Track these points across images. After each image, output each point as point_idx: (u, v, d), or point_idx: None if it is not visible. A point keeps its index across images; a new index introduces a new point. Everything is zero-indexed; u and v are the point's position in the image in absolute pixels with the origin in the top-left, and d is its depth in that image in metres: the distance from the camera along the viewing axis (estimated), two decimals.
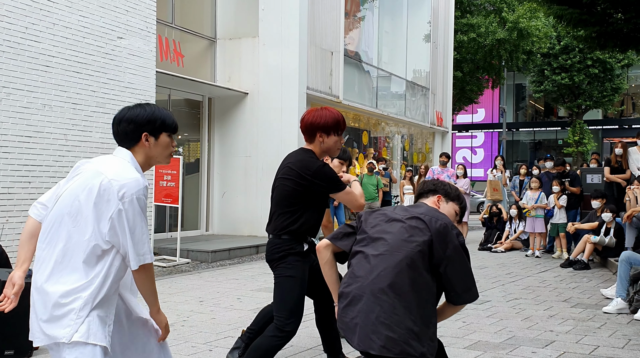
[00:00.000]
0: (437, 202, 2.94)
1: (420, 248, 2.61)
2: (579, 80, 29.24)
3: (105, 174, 2.44)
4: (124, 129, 2.57)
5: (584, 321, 5.49)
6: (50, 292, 2.42)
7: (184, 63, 11.74)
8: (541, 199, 10.33)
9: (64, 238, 2.45)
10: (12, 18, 7.76)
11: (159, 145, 2.61)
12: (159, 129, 2.59)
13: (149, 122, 2.58)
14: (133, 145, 2.59)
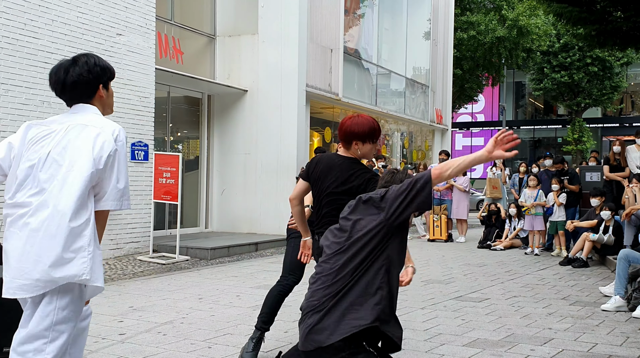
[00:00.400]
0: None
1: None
2: (579, 78, 29.24)
3: (93, 125, 2.63)
4: (82, 81, 2.67)
5: (583, 319, 5.50)
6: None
7: (183, 60, 11.73)
8: (540, 197, 10.33)
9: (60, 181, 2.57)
10: (10, 14, 7.75)
11: (110, 95, 2.81)
12: (110, 79, 2.78)
13: (107, 72, 2.75)
14: (91, 98, 2.73)
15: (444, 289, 6.97)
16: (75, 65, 2.71)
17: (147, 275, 8.10)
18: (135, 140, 9.64)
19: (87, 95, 2.72)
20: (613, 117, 36.30)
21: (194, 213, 12.35)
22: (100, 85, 2.74)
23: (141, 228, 9.71)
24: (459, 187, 12.21)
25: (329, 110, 14.51)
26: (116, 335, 4.89)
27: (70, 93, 2.72)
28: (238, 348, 4.47)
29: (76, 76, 2.69)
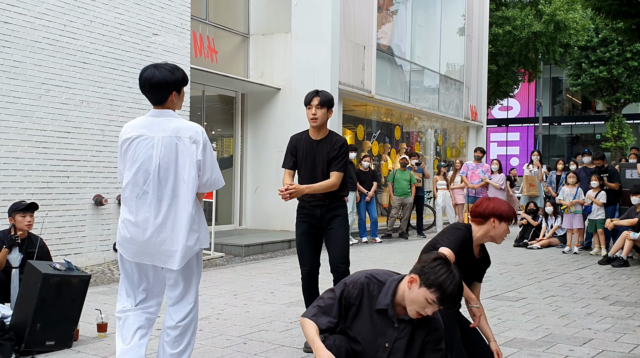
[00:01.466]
0: (410, 284, 2.76)
1: None
2: (618, 73, 28.50)
3: (181, 127, 3.28)
4: (159, 90, 3.30)
5: (623, 319, 5.37)
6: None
7: (217, 59, 11.84)
8: (579, 195, 10.11)
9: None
10: (50, 16, 7.93)
11: (181, 98, 3.39)
12: (182, 86, 3.37)
13: (182, 81, 3.34)
14: (162, 104, 3.33)
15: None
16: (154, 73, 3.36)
17: None
18: None
19: (164, 98, 3.37)
20: None
21: (228, 211, 12.46)
22: (174, 91, 3.36)
23: None
24: (494, 185, 12.03)
25: (362, 107, 14.47)
26: (154, 330, 4.96)
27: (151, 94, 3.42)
28: (273, 344, 4.50)
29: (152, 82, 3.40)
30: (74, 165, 8.18)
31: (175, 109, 3.38)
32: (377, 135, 15.07)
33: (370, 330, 2.82)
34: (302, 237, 4.51)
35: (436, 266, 2.70)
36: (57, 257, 6.97)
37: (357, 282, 2.86)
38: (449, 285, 2.65)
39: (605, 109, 33.43)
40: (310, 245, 4.50)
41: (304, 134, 4.56)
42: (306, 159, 4.46)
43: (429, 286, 2.67)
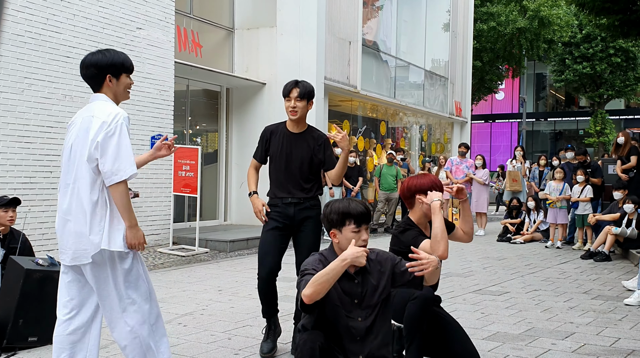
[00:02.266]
0: (334, 237, 3.00)
1: None
2: (601, 69, 28.78)
3: (91, 113, 3.08)
4: (89, 73, 3.15)
5: (605, 313, 5.44)
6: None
7: (202, 53, 11.77)
8: (565, 190, 10.21)
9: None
10: (33, 9, 7.83)
11: (121, 84, 3.18)
12: (120, 71, 3.16)
13: (111, 65, 3.12)
14: (99, 88, 3.16)
15: (463, 282, 6.94)
16: (92, 55, 3.21)
17: (167, 267, 8.18)
18: (155, 133, 9.71)
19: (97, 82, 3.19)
20: (636, 109, 35.68)
21: (213, 206, 12.42)
22: (108, 75, 3.14)
23: (161, 221, 9.80)
24: (478, 180, 12.12)
25: (347, 103, 14.48)
26: None
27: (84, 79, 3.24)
28: (257, 339, 4.50)
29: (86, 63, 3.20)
30: (57, 160, 8.09)
31: (116, 97, 3.16)
32: (362, 130, 15.09)
33: (337, 297, 2.91)
34: (269, 234, 4.14)
35: (331, 211, 2.96)
36: (40, 253, 6.91)
37: (315, 261, 2.93)
38: (348, 206, 2.94)
39: (589, 105, 33.78)
40: (277, 244, 4.14)
41: (281, 126, 4.26)
42: (281, 152, 4.17)
43: (341, 223, 2.93)
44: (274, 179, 4.23)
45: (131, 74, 3.24)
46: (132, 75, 3.25)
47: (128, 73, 3.20)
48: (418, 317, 3.45)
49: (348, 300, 2.92)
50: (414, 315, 3.46)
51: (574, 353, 4.20)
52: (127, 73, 3.19)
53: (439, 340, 3.64)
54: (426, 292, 3.47)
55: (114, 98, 3.17)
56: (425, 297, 3.47)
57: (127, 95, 3.25)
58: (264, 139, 4.25)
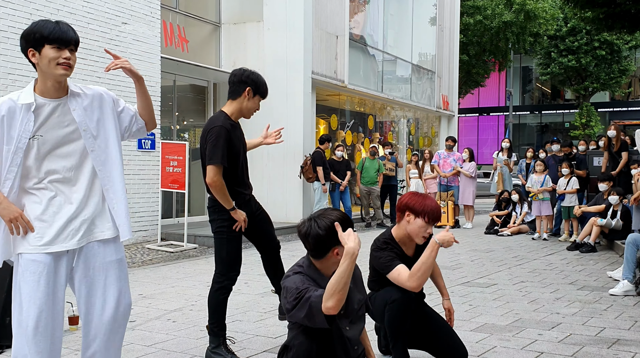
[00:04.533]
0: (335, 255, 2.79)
1: None
2: (586, 62, 29.02)
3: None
4: (21, 49, 2.69)
5: (590, 303, 5.51)
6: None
7: (188, 48, 11.71)
8: (546, 182, 10.30)
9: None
10: (16, 4, 7.75)
11: (44, 58, 2.63)
12: (40, 42, 2.62)
13: (28, 38, 2.63)
14: (33, 65, 2.68)
15: (451, 275, 6.98)
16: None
17: (155, 263, 8.16)
18: None
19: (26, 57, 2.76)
20: (621, 101, 36.05)
21: (202, 202, 12.39)
22: (30, 49, 2.66)
23: (149, 217, 9.77)
24: (465, 174, 12.19)
25: (335, 97, 14.48)
26: None
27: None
28: (247, 334, 4.51)
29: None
30: None
31: (43, 73, 2.69)
32: (350, 124, 15.11)
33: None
34: (238, 239, 3.92)
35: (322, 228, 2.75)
36: None
37: (301, 280, 2.76)
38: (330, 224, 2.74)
39: (574, 98, 34.06)
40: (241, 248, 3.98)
41: (226, 120, 3.89)
42: (240, 147, 3.94)
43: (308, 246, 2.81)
44: (233, 178, 3.92)
45: (65, 46, 2.64)
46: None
47: (52, 44, 2.62)
48: (398, 319, 3.43)
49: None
50: (394, 318, 3.44)
51: (560, 343, 4.25)
52: (51, 44, 2.61)
53: (425, 336, 3.67)
54: (402, 295, 3.42)
55: (41, 77, 2.68)
56: (401, 300, 3.41)
57: (59, 70, 2.64)
58: (227, 138, 3.82)
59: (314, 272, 2.82)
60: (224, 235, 3.90)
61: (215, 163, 3.74)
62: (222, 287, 3.93)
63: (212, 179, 3.76)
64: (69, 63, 2.66)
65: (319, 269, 2.83)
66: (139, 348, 4.26)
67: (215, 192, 3.79)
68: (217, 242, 3.94)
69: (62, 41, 2.64)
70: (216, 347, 3.91)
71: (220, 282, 3.94)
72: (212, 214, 3.95)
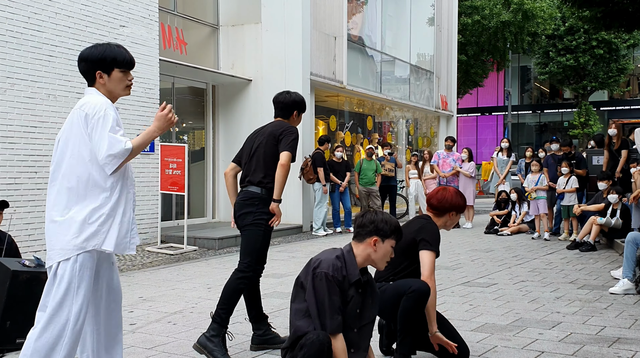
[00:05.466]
0: (374, 245, 2.99)
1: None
2: (584, 61, 29.03)
3: (78, 105, 2.96)
4: (81, 68, 3.00)
5: (591, 302, 5.51)
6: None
7: (187, 51, 11.72)
8: (541, 181, 10.32)
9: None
10: (14, 8, 7.75)
11: (113, 80, 2.98)
12: (110, 66, 2.96)
13: (100, 61, 2.95)
14: (93, 83, 2.99)
15: (451, 275, 6.98)
16: (86, 49, 3.09)
17: (155, 266, 8.15)
18: (141, 131, 9.67)
19: (89, 77, 3.04)
20: (620, 100, 36.06)
21: (201, 204, 12.40)
22: (98, 71, 2.97)
23: (149, 220, 9.77)
24: (465, 173, 12.19)
25: (334, 98, 14.48)
26: (127, 325, 4.93)
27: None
28: (248, 336, 4.51)
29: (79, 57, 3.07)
30: (41, 160, 8.03)
31: (110, 93, 3.00)
32: (349, 125, 15.12)
33: (346, 303, 2.94)
34: (271, 234, 4.20)
35: (381, 220, 3.01)
36: (26, 254, 6.86)
37: (335, 266, 2.90)
38: (395, 223, 3.04)
39: (573, 97, 34.07)
40: None
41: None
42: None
43: (389, 236, 2.99)
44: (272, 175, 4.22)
45: (129, 69, 3.03)
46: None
47: (121, 68, 2.98)
48: (414, 310, 3.46)
49: (352, 307, 2.97)
50: (410, 309, 3.46)
51: (561, 342, 4.25)
52: (120, 68, 2.98)
53: (427, 336, 3.67)
54: (422, 286, 3.49)
55: (107, 94, 3.00)
56: (422, 291, 3.47)
57: (126, 91, 3.06)
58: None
59: (350, 258, 2.97)
60: (261, 227, 4.07)
61: (292, 152, 4.14)
62: (246, 277, 4.08)
63: (287, 161, 4.10)
64: (132, 84, 3.07)
65: (355, 256, 2.98)
66: (140, 351, 4.26)
67: (283, 175, 4.08)
68: (252, 234, 4.08)
69: (130, 66, 3.02)
70: (214, 336, 3.93)
71: (244, 272, 4.08)
72: (250, 207, 4.09)
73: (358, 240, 3.02)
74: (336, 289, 2.85)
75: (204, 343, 3.92)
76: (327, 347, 2.77)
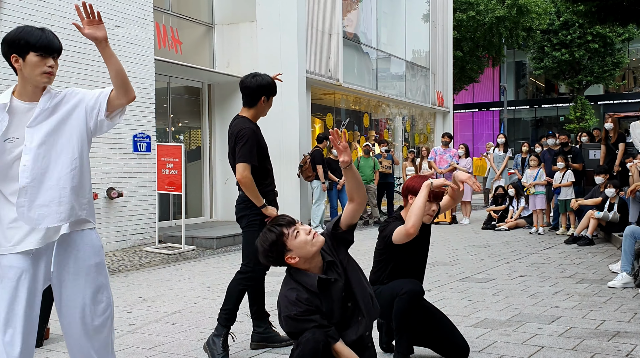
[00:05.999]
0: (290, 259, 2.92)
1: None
2: (579, 55, 29.06)
3: None
4: (2, 51, 2.66)
5: (590, 296, 5.52)
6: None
7: (182, 50, 11.69)
8: (539, 176, 10.34)
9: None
10: (8, 9, 7.72)
11: (27, 65, 2.61)
12: (25, 49, 2.59)
13: (13, 44, 2.60)
14: (15, 71, 2.65)
15: (449, 271, 6.99)
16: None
17: (153, 266, 8.14)
18: (137, 131, 9.64)
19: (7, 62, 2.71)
20: (615, 94, 36.11)
21: (198, 203, 12.38)
22: (13, 55, 2.65)
23: (146, 220, 9.75)
24: (462, 169, 12.19)
25: (330, 96, 14.47)
26: (126, 325, 4.92)
27: None
28: (248, 335, 4.51)
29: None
30: None
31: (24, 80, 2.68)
32: (346, 123, 15.11)
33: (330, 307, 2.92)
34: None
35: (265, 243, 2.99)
36: None
37: (291, 300, 2.85)
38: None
39: (568, 92, 34.09)
40: None
41: (250, 121, 4.32)
42: (265, 144, 4.29)
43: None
44: (265, 176, 4.19)
45: (49, 54, 2.64)
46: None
47: (37, 52, 2.60)
48: (407, 311, 3.48)
49: (334, 299, 2.96)
50: (403, 310, 3.49)
51: (561, 337, 4.26)
52: (36, 52, 2.60)
53: (427, 332, 3.68)
54: (414, 287, 3.52)
55: (22, 82, 2.66)
56: (413, 292, 3.50)
57: (43, 78, 2.64)
58: (256, 139, 4.16)
59: (298, 275, 2.90)
60: (255, 228, 4.03)
61: (245, 161, 3.94)
62: (246, 277, 4.11)
63: (241, 175, 3.93)
64: (52, 71, 2.65)
65: (310, 270, 2.90)
66: (139, 351, 4.25)
67: (246, 188, 3.96)
68: (250, 236, 4.06)
69: (48, 49, 2.63)
70: (216, 336, 3.99)
71: (245, 273, 4.11)
72: (243, 210, 4.11)
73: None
74: (308, 319, 2.81)
75: (208, 342, 3.99)
76: (322, 346, 2.77)
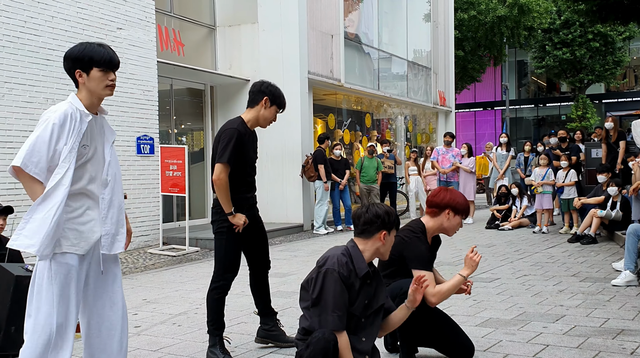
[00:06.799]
0: (383, 238, 3.06)
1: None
2: (581, 54, 29.04)
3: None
4: (65, 67, 2.93)
5: (594, 295, 5.52)
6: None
7: (184, 52, 11.71)
8: (548, 175, 10.32)
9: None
10: (10, 12, 7.75)
11: (92, 79, 2.89)
12: (88, 65, 2.87)
13: (77, 60, 2.88)
14: (75, 82, 2.93)
15: (454, 271, 6.99)
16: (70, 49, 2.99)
17: (158, 268, 8.16)
18: (141, 134, 9.66)
19: (71, 76, 2.97)
20: (616, 92, 36.07)
21: (202, 205, 12.39)
22: (77, 70, 2.90)
23: (150, 222, 9.77)
24: (465, 169, 12.20)
25: (332, 96, 14.48)
26: (131, 328, 4.94)
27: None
28: (253, 336, 4.52)
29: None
30: None
31: (90, 93, 2.96)
32: (348, 123, 15.11)
33: (355, 296, 2.99)
34: (240, 240, 4.04)
35: (385, 213, 3.07)
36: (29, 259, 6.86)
37: (340, 262, 2.94)
38: (394, 213, 3.14)
39: (570, 90, 34.07)
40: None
41: (241, 123, 4.00)
42: (252, 152, 4.09)
43: (394, 227, 3.11)
44: (242, 182, 4.02)
45: (110, 69, 2.91)
46: (118, 81, 3.13)
47: (100, 67, 2.88)
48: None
49: (361, 299, 3.02)
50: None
51: (565, 335, 4.26)
52: (99, 67, 2.88)
53: (432, 333, 3.69)
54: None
55: (87, 94, 2.93)
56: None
57: (107, 91, 2.96)
58: (238, 141, 3.91)
59: (357, 253, 3.03)
60: (224, 235, 4.00)
61: (222, 162, 3.84)
62: (218, 286, 4.04)
63: (217, 176, 3.85)
64: (114, 84, 2.95)
65: (362, 251, 3.05)
66: (145, 353, 4.26)
67: (218, 189, 3.88)
68: (217, 243, 4.05)
69: (110, 65, 2.91)
70: (212, 346, 3.99)
71: (216, 282, 4.06)
72: (215, 215, 4.04)
73: (365, 236, 3.06)
74: (340, 286, 2.87)
75: (208, 356, 4.00)
76: (332, 345, 2.79)
